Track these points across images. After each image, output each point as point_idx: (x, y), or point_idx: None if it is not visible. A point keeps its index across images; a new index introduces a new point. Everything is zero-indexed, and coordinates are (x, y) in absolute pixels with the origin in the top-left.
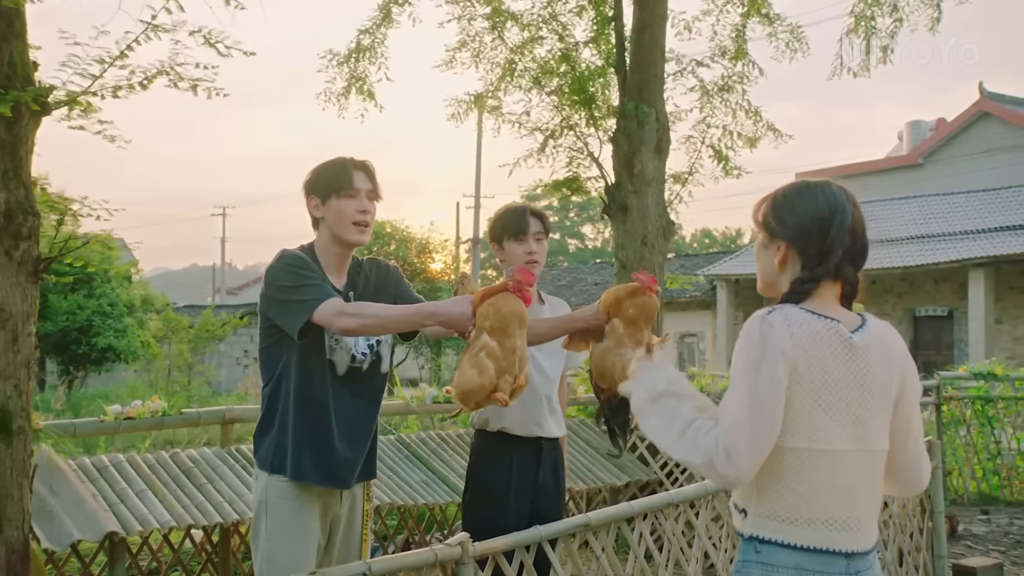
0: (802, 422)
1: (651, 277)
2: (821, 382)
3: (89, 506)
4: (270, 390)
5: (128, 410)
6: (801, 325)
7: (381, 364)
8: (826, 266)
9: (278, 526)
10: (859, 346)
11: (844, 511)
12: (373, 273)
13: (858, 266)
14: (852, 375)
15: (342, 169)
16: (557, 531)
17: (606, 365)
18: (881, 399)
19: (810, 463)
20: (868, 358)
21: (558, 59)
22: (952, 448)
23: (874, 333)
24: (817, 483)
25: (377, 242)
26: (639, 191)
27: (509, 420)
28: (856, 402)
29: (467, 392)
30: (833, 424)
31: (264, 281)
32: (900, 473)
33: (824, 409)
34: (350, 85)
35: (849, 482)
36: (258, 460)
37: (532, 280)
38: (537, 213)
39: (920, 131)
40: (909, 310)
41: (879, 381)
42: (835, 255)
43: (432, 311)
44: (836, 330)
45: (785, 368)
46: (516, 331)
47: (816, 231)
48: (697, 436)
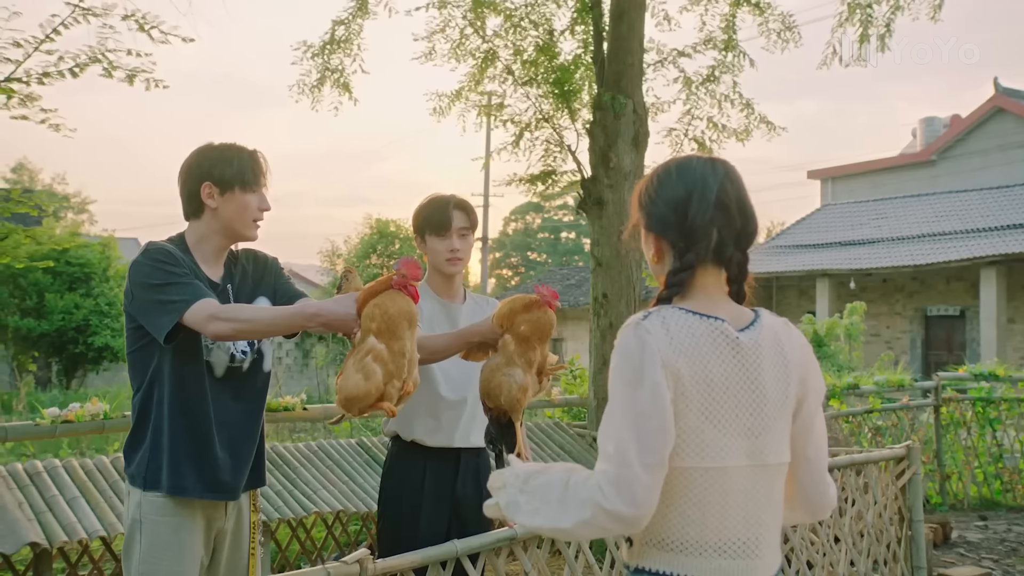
0: (689, 438)
1: (552, 292)
2: (707, 391)
3: (11, 515)
4: (141, 398)
5: (66, 413)
6: (681, 328)
7: (263, 362)
8: (695, 251)
9: (154, 546)
10: (747, 347)
11: (739, 534)
12: (251, 265)
13: (742, 246)
14: (741, 381)
15: (239, 161)
16: (478, 545)
17: (492, 384)
18: (777, 406)
19: (700, 482)
20: (759, 360)
21: (537, 50)
22: (952, 451)
23: (767, 331)
24: (708, 504)
25: (382, 240)
26: (615, 185)
27: (421, 431)
28: (748, 411)
29: (351, 399)
30: (723, 437)
31: (128, 278)
32: (801, 492)
33: (712, 422)
34: (324, 77)
35: (744, 501)
36: (129, 476)
37: (419, 274)
38: (462, 206)
39: (934, 128)
40: (920, 309)
41: (773, 386)
42: (704, 236)
43: (314, 312)
44: (720, 330)
45: (668, 379)
46: (405, 332)
47: (673, 213)
48: (576, 490)
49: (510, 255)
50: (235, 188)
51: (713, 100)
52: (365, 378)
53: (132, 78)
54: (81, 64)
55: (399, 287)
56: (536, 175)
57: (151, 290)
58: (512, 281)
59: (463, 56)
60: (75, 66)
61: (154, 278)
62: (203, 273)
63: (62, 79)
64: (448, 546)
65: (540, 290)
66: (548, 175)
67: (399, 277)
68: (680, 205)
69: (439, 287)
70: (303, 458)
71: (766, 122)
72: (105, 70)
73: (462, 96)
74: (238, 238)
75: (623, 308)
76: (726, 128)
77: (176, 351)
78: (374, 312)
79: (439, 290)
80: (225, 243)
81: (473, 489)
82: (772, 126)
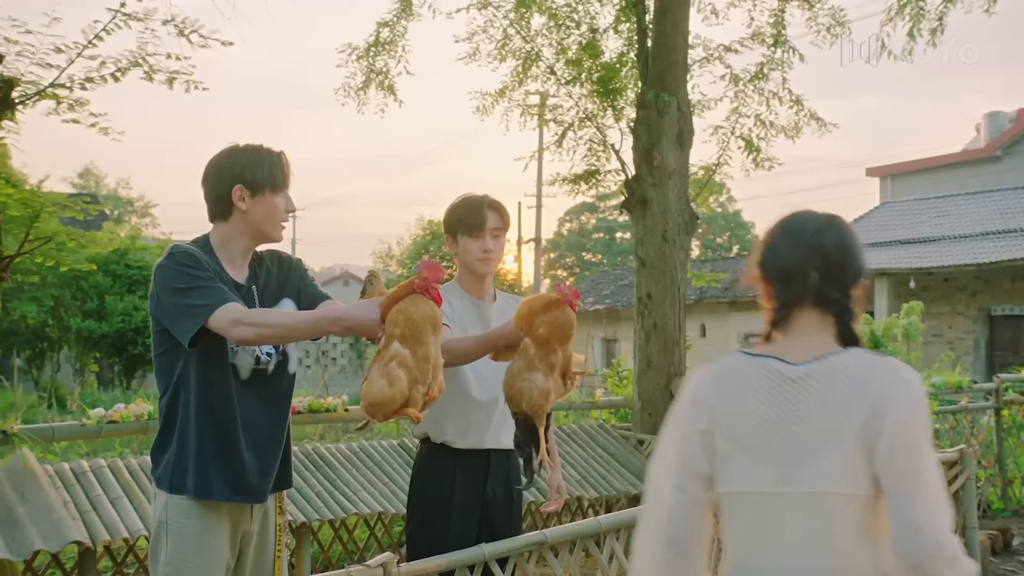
0: (726, 466)
1: (573, 291)
2: (742, 423)
3: (57, 514)
4: (167, 401)
5: (111, 413)
6: (728, 368)
7: (288, 364)
8: (791, 290)
9: (180, 548)
10: (794, 379)
11: (773, 561)
12: (275, 266)
13: (844, 288)
14: (780, 411)
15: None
16: (507, 550)
17: (513, 390)
18: (826, 434)
19: (736, 508)
20: (807, 391)
21: (581, 48)
22: (1014, 456)
23: (832, 366)
24: (742, 530)
25: (434, 241)
26: (659, 184)
27: (451, 433)
28: (784, 439)
29: (376, 404)
30: (755, 465)
31: (153, 280)
32: (890, 528)
33: (745, 450)
34: (369, 79)
35: (777, 528)
36: (156, 479)
37: (441, 277)
38: (496, 207)
39: (999, 122)
40: (984, 309)
41: (823, 413)
42: (798, 276)
43: (337, 317)
44: (766, 367)
45: (705, 416)
46: (429, 337)
47: (771, 257)
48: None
49: (565, 256)
50: (265, 190)
51: (761, 97)
52: (389, 384)
53: (172, 81)
54: (123, 69)
55: (422, 291)
56: (579, 175)
57: (176, 294)
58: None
59: (505, 56)
60: (117, 71)
61: (179, 282)
62: (227, 275)
63: (104, 84)
64: (475, 550)
65: (561, 288)
66: (592, 174)
67: (421, 281)
68: (777, 248)
69: (470, 286)
70: (344, 459)
71: (816, 119)
72: (146, 74)
73: (505, 95)
74: (265, 239)
75: (667, 309)
76: (774, 125)
77: (202, 354)
78: (398, 318)
79: (470, 289)
80: (251, 245)
81: (503, 492)
82: (822, 123)
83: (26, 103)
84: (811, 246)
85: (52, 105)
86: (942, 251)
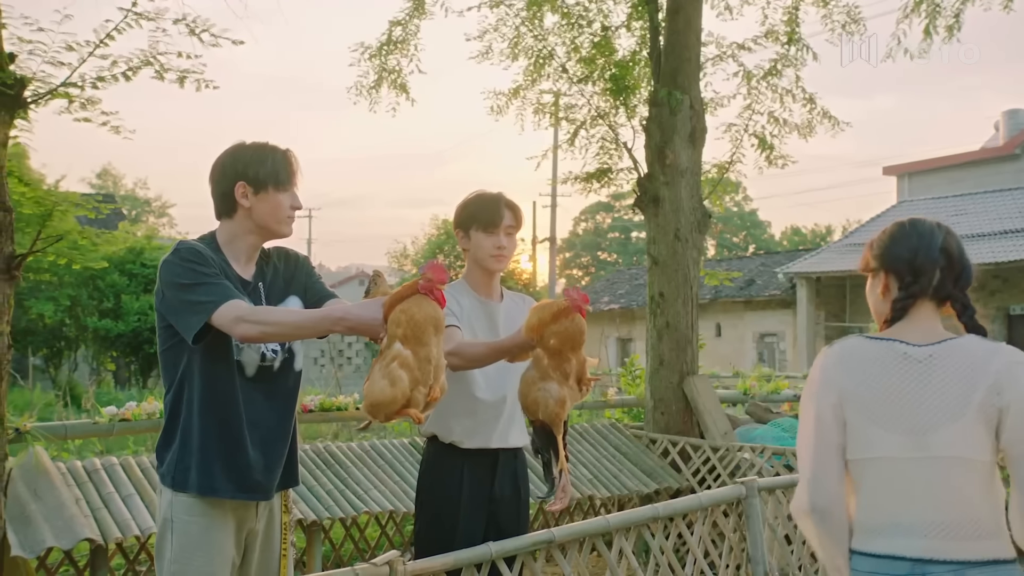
0: (857, 435)
1: (582, 295)
2: (870, 397)
3: (69, 511)
4: (171, 397)
5: (123, 411)
6: (854, 350)
7: (294, 361)
8: (920, 284)
9: (185, 546)
10: (918, 359)
11: (910, 516)
12: (282, 263)
13: (961, 287)
14: (907, 386)
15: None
16: (513, 548)
17: (529, 400)
18: (951, 407)
19: (869, 472)
20: (931, 369)
21: (594, 47)
22: None
23: (951, 348)
24: (876, 490)
25: (449, 241)
26: (671, 182)
27: (458, 433)
28: (912, 411)
29: (377, 404)
30: (886, 433)
31: (159, 276)
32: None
33: (875, 421)
34: (381, 78)
35: (911, 488)
36: (160, 476)
37: (445, 278)
38: (511, 205)
39: (1018, 120)
40: (1003, 308)
41: (947, 389)
42: (928, 273)
43: (340, 316)
44: (891, 348)
45: (835, 393)
46: (431, 338)
47: (906, 254)
48: None
49: (580, 255)
50: (269, 187)
51: (774, 94)
52: (391, 384)
53: (183, 80)
54: (134, 67)
55: (425, 292)
56: (592, 173)
57: (180, 290)
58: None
59: (517, 54)
60: (128, 69)
61: (184, 278)
62: (233, 272)
63: (116, 83)
64: (482, 548)
65: (570, 294)
66: (604, 173)
67: (425, 282)
68: (912, 247)
69: (478, 283)
70: (355, 457)
71: (829, 117)
72: (157, 72)
73: (519, 94)
74: (272, 236)
75: (680, 307)
76: (787, 123)
77: (206, 350)
78: (400, 318)
79: (477, 287)
80: (257, 242)
81: (511, 490)
82: (836, 121)
83: (38, 102)
84: (941, 249)
85: (64, 104)
86: None
